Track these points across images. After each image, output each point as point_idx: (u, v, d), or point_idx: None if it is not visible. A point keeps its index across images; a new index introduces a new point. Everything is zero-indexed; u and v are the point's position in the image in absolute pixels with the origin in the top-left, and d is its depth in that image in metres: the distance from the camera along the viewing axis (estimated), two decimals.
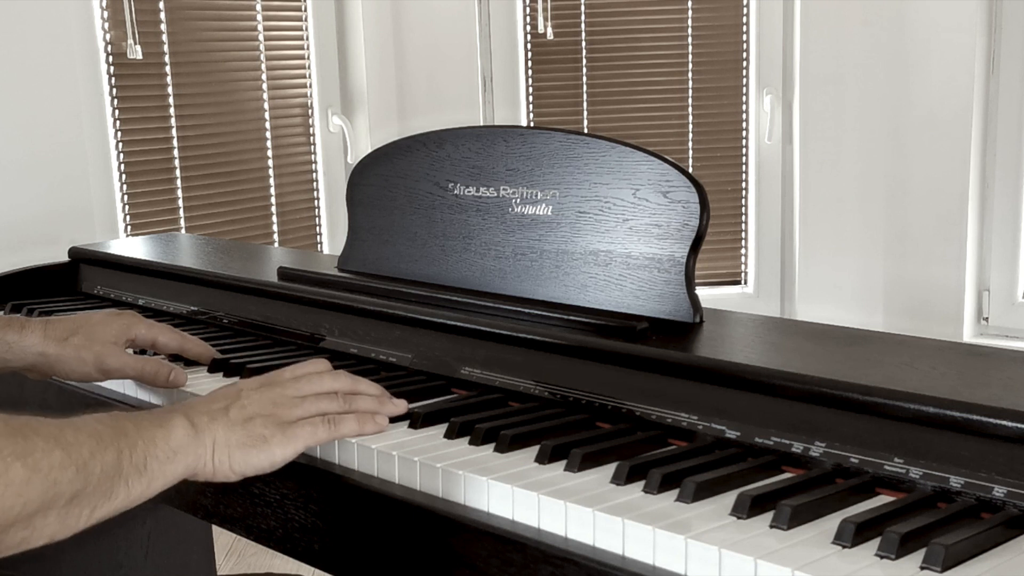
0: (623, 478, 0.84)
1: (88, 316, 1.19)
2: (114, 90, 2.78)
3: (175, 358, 1.23)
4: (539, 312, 1.11)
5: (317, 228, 3.40)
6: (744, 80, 3.37)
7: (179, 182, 2.98)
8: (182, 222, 2.99)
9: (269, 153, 3.22)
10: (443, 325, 1.16)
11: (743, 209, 3.44)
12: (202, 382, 1.17)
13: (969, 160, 3.02)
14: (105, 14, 2.75)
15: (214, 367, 1.21)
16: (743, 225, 3.44)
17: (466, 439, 0.96)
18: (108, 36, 2.76)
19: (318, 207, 3.39)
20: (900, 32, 3.07)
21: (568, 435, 0.94)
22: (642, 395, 0.98)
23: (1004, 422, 0.77)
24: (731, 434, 0.91)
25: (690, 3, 3.33)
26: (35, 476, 0.75)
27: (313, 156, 3.36)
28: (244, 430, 0.90)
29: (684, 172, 1.09)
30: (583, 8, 3.36)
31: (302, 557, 0.98)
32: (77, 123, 2.68)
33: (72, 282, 1.68)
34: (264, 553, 2.64)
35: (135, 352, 1.21)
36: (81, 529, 0.80)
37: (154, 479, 0.84)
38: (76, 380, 1.18)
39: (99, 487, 0.80)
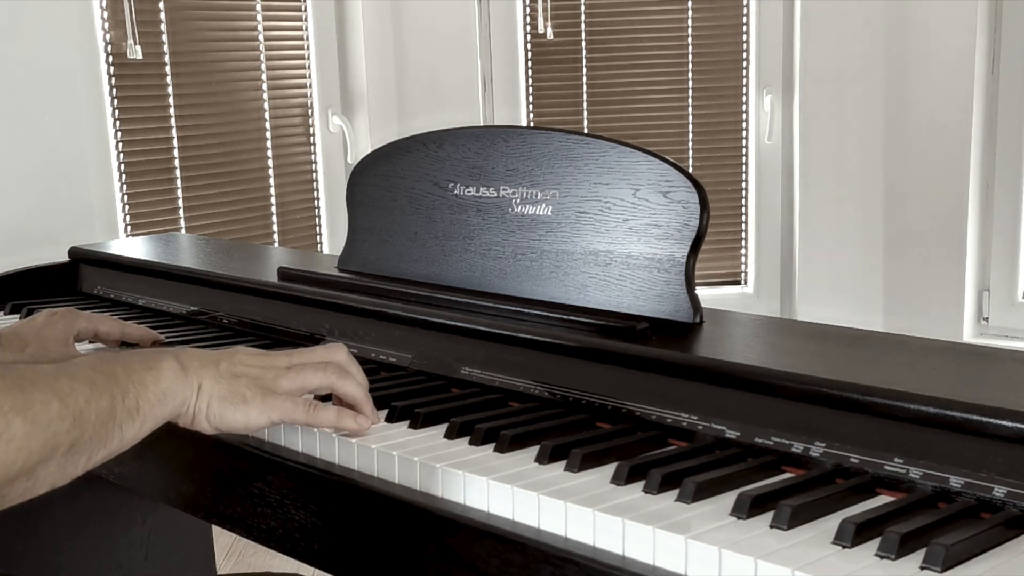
0: (623, 478, 0.84)
1: (31, 322, 1.20)
2: (114, 90, 2.78)
3: (122, 346, 1.27)
4: (539, 312, 1.11)
5: (317, 228, 3.40)
6: (744, 80, 3.37)
7: (179, 182, 2.98)
8: (182, 222, 2.99)
9: (269, 153, 3.22)
10: (443, 325, 1.16)
11: (743, 209, 3.44)
12: None
13: (969, 160, 3.02)
14: (105, 14, 2.75)
15: None
16: (743, 225, 3.44)
17: (466, 439, 0.96)
18: (108, 36, 2.76)
19: (318, 207, 3.39)
20: (900, 32, 3.07)
21: (568, 435, 0.94)
22: (642, 395, 0.98)
23: (1004, 422, 0.77)
24: (731, 434, 0.91)
25: (690, 3, 3.33)
26: (35, 429, 0.75)
27: (313, 156, 3.36)
28: (229, 385, 0.91)
29: (684, 172, 1.09)
30: (583, 8, 3.35)
31: (302, 557, 0.98)
32: (77, 123, 2.68)
33: (72, 282, 1.68)
34: (264, 553, 2.64)
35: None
36: (80, 475, 0.82)
37: (146, 421, 0.86)
38: None
39: (95, 434, 0.81)
